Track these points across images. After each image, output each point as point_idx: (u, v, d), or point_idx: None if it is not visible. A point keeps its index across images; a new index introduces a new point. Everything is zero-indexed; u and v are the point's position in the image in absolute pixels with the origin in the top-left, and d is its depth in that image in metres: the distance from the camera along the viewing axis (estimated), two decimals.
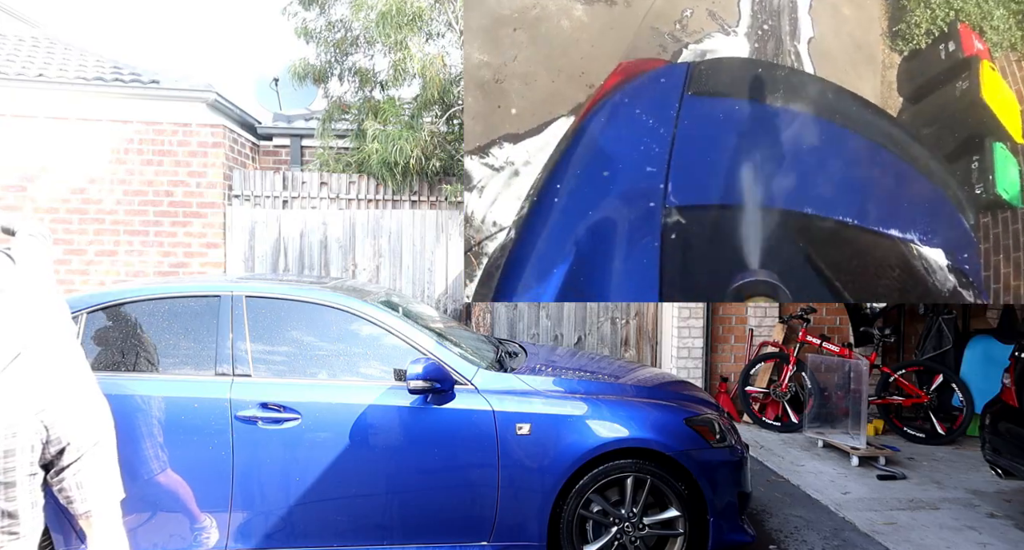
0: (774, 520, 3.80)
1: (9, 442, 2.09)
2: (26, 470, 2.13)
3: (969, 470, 4.79)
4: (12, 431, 2.09)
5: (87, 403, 2.35)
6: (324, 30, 6.39)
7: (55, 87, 5.95)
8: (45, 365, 2.23)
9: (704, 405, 3.34)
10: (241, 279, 3.36)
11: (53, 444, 2.19)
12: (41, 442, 2.16)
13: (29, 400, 2.14)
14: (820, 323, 6.25)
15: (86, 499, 2.27)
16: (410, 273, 6.27)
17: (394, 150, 5.81)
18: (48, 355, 2.26)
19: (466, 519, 2.88)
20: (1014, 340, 4.76)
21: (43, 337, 2.27)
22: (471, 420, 2.88)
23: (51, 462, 2.23)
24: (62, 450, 2.22)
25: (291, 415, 2.81)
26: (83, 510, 2.27)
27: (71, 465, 2.24)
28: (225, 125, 6.15)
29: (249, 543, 2.81)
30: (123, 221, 5.95)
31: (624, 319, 6.37)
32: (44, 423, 2.16)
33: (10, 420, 2.09)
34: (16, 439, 2.10)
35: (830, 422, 5.35)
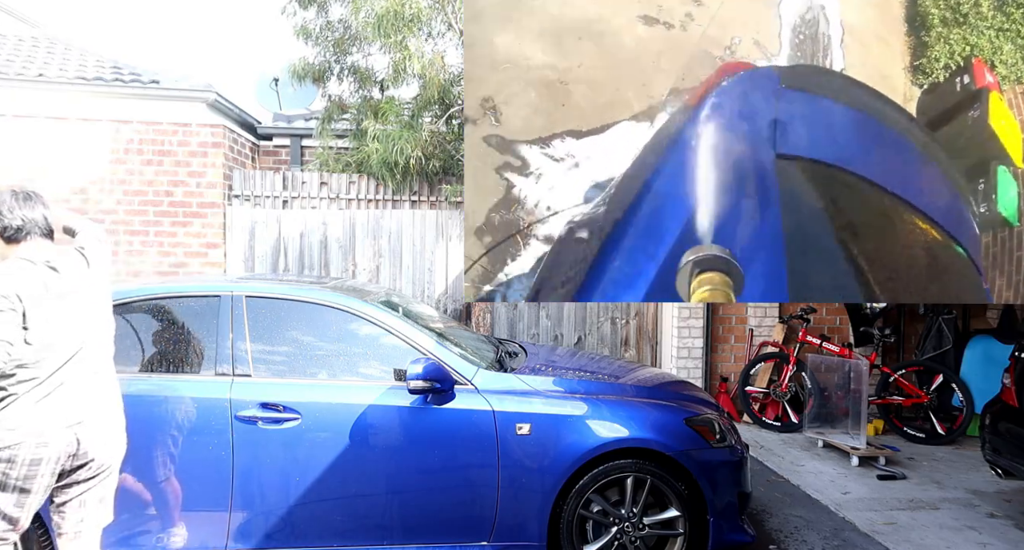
0: (774, 520, 3.80)
1: (39, 451, 2.02)
2: (46, 481, 2.07)
3: (969, 470, 4.79)
4: (44, 440, 2.03)
5: (117, 421, 2.29)
6: (323, 30, 6.39)
7: (55, 87, 5.95)
8: (91, 374, 2.17)
9: (704, 405, 3.34)
10: (241, 279, 3.36)
11: (78, 458, 2.12)
12: (68, 455, 2.09)
13: (68, 410, 2.08)
14: (820, 323, 6.25)
15: (83, 519, 2.18)
16: (410, 273, 6.27)
17: (394, 150, 5.81)
18: (95, 365, 2.20)
19: (466, 519, 2.88)
20: (1014, 340, 4.76)
21: (96, 345, 2.22)
22: (471, 420, 2.88)
23: (63, 474, 2.14)
24: (82, 465, 2.14)
25: (291, 415, 2.81)
26: (73, 530, 2.18)
27: (83, 482, 2.17)
28: (225, 125, 6.15)
29: (249, 543, 2.81)
30: (123, 221, 5.95)
31: (624, 319, 6.37)
32: (77, 436, 2.09)
33: (43, 427, 2.02)
34: (47, 449, 2.03)
35: (830, 422, 5.35)
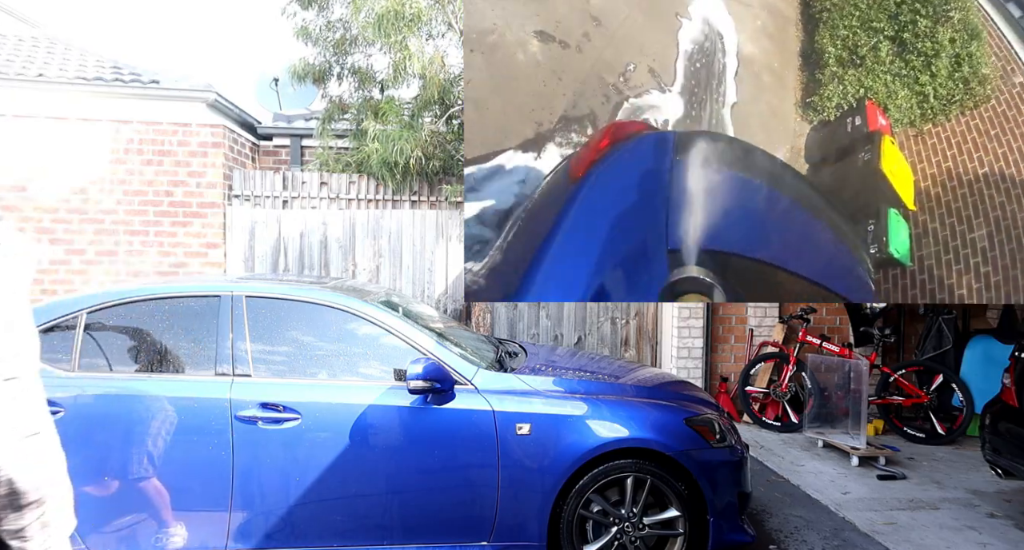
0: (774, 520, 3.80)
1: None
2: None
3: (969, 470, 4.79)
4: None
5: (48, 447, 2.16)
6: (323, 30, 6.39)
7: (55, 87, 5.95)
8: None
9: (704, 405, 3.34)
10: (241, 279, 3.36)
11: None
12: None
13: None
14: (820, 323, 6.25)
15: None
16: (410, 273, 6.27)
17: (394, 150, 5.81)
18: None
19: (466, 519, 2.88)
20: (1014, 340, 4.76)
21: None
22: (471, 420, 2.88)
23: None
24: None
25: (291, 415, 2.81)
26: None
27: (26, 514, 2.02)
28: (225, 125, 6.15)
29: (249, 543, 2.81)
30: (123, 221, 5.95)
31: (624, 319, 6.37)
32: None
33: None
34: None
35: (830, 422, 5.35)
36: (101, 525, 2.72)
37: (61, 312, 2.89)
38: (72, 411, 2.74)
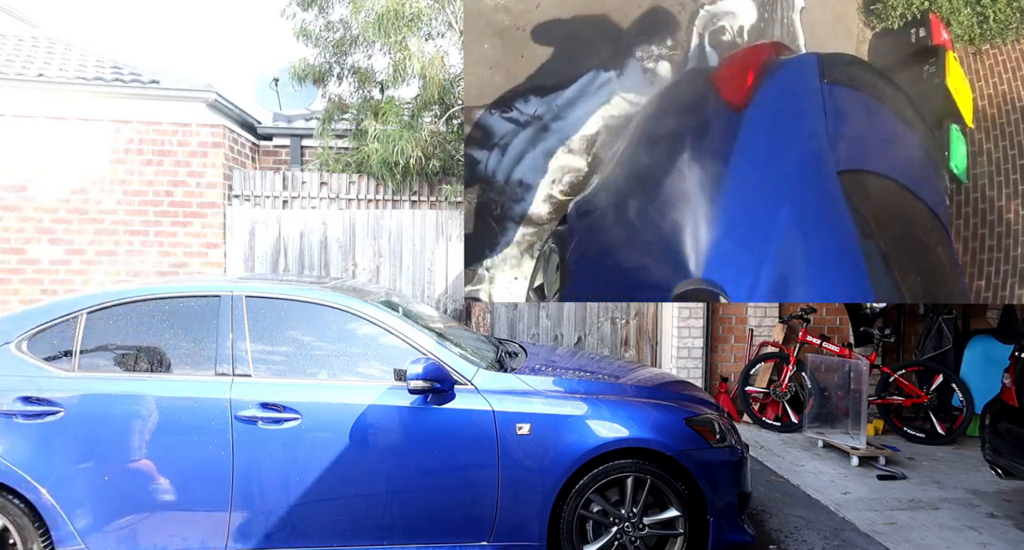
0: (774, 520, 3.80)
1: None
2: None
3: (969, 470, 4.79)
4: None
5: None
6: (323, 30, 6.39)
7: (55, 87, 5.95)
8: None
9: (704, 405, 3.34)
10: (241, 279, 3.36)
11: None
12: None
13: None
14: (820, 323, 6.25)
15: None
16: (410, 273, 6.27)
17: (394, 150, 5.81)
18: None
19: (466, 519, 2.88)
20: (1014, 340, 4.76)
21: None
22: (471, 420, 2.88)
23: None
24: None
25: (291, 415, 2.81)
26: None
27: None
28: (225, 125, 6.15)
29: (249, 543, 2.81)
30: (123, 221, 5.95)
31: (624, 319, 6.37)
32: None
33: None
34: None
35: (830, 422, 5.35)
36: (101, 525, 2.72)
37: (61, 312, 2.90)
38: (72, 411, 2.74)
